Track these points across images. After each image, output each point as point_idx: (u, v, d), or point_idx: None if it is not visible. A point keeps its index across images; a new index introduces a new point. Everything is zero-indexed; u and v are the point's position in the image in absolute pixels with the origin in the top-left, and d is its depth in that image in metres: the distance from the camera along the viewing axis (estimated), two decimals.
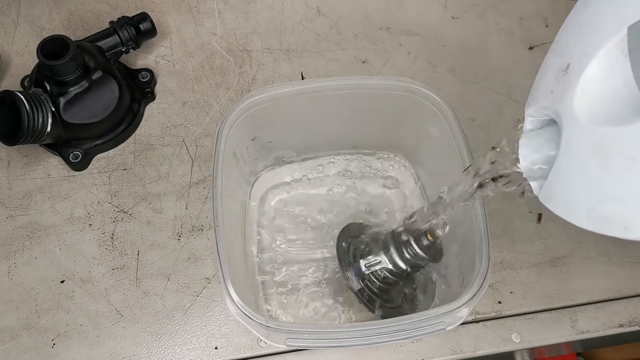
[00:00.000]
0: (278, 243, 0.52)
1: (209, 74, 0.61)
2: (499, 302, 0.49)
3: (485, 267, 0.42)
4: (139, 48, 0.59)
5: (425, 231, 0.45)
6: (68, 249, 0.51)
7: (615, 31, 0.28)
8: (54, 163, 0.55)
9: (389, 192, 0.55)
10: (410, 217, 0.45)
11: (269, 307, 0.49)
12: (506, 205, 0.54)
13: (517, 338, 0.48)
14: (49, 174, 0.55)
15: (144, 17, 0.58)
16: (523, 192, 0.35)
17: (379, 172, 0.56)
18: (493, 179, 0.37)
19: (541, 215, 0.53)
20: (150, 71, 0.59)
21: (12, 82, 0.59)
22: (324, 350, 0.47)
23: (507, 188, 0.36)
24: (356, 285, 0.47)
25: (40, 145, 0.55)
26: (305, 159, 0.56)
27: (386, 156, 0.56)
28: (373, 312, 0.47)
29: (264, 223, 0.53)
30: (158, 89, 0.60)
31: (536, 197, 0.34)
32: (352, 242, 0.49)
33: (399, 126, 0.55)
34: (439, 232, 0.44)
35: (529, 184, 0.34)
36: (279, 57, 0.62)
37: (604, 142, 0.28)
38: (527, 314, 0.49)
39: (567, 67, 0.32)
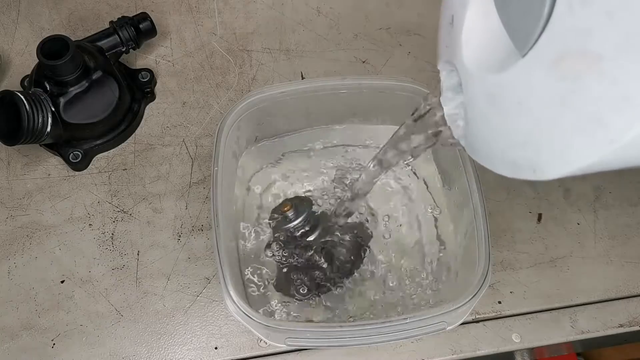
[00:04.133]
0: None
1: (209, 74, 0.61)
2: (499, 302, 0.49)
3: (485, 267, 0.42)
4: (139, 48, 0.59)
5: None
6: (68, 249, 0.51)
7: None
8: (54, 163, 0.55)
9: (390, 188, 0.54)
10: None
11: (269, 307, 0.49)
12: (506, 205, 0.54)
13: (517, 338, 0.48)
14: (49, 174, 0.55)
15: (144, 17, 0.58)
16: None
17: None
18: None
19: (541, 215, 0.53)
20: (150, 71, 0.59)
21: (12, 82, 0.59)
22: (324, 350, 0.47)
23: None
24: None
25: (40, 145, 0.55)
26: (305, 156, 0.55)
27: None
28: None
29: (265, 220, 0.53)
30: (158, 89, 0.60)
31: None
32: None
33: (398, 126, 0.55)
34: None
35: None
36: (279, 57, 0.62)
37: (493, 89, 0.28)
38: (527, 314, 0.49)
39: (452, 19, 0.32)
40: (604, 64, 0.21)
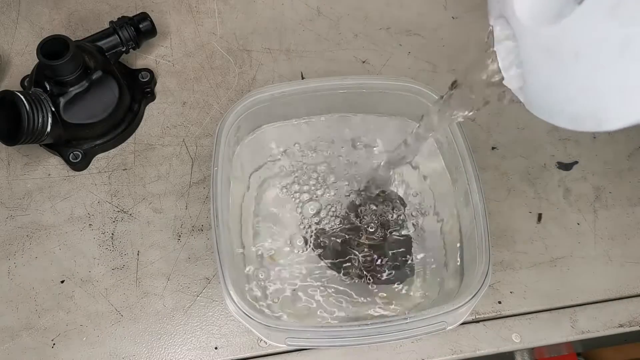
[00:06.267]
0: (279, 238, 0.52)
1: (209, 74, 0.61)
2: (499, 302, 0.49)
3: (485, 267, 0.42)
4: (139, 48, 0.59)
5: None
6: (68, 249, 0.51)
7: None
8: (54, 163, 0.55)
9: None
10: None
11: (269, 305, 0.49)
12: (506, 205, 0.54)
13: (517, 338, 0.48)
14: (49, 174, 0.55)
15: (144, 17, 0.58)
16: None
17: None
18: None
19: (541, 215, 0.53)
20: (150, 71, 0.59)
21: (12, 82, 0.59)
22: (324, 350, 0.47)
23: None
24: None
25: (40, 145, 0.55)
26: (305, 154, 0.55)
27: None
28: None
29: (264, 219, 0.53)
30: (158, 89, 0.60)
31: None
32: None
33: (398, 126, 0.55)
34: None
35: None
36: (279, 57, 0.62)
37: (548, 42, 0.28)
38: (527, 314, 0.49)
39: None
40: None
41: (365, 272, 0.50)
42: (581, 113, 0.27)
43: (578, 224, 0.53)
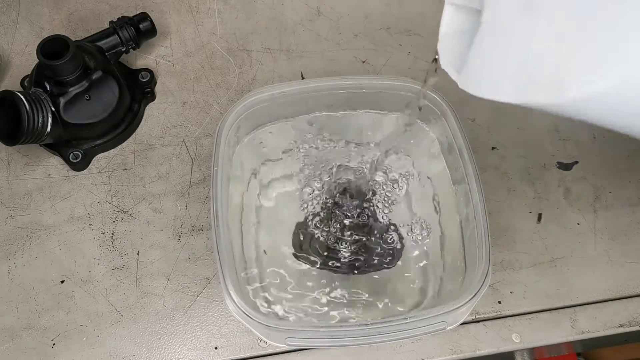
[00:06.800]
0: (279, 237, 0.52)
1: (209, 74, 0.61)
2: (499, 302, 0.49)
3: (486, 266, 0.42)
4: (139, 48, 0.59)
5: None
6: (68, 249, 0.51)
7: None
8: (54, 163, 0.55)
9: (391, 185, 0.54)
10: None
11: (269, 305, 0.49)
12: (506, 205, 0.54)
13: (517, 338, 0.48)
14: (49, 174, 0.55)
15: (144, 17, 0.58)
16: None
17: (382, 168, 0.55)
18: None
19: (541, 215, 0.53)
20: (150, 71, 0.59)
21: (12, 82, 0.59)
22: (324, 350, 0.47)
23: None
24: None
25: (40, 145, 0.55)
26: (305, 154, 0.55)
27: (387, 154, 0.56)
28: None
29: (264, 218, 0.53)
30: (158, 89, 0.60)
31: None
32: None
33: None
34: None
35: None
36: (279, 57, 0.62)
37: None
38: (527, 314, 0.49)
39: None
40: None
41: (365, 269, 0.50)
42: (540, 77, 0.24)
43: (578, 224, 0.53)
